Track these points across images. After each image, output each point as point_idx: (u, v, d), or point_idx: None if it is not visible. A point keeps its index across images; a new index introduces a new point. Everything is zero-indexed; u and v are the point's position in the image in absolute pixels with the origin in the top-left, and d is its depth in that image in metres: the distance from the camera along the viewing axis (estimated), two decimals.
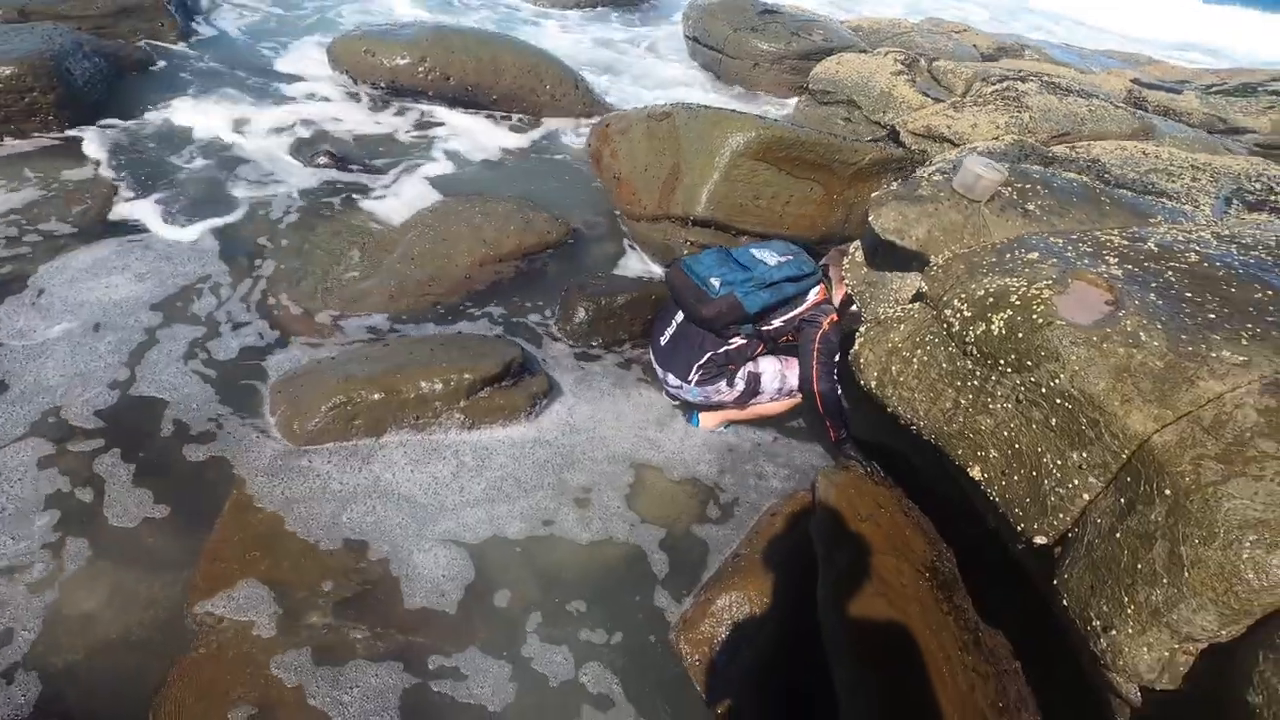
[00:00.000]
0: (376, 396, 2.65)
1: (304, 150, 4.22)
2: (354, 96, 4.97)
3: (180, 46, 5.08)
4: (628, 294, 3.42)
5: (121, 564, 2.13)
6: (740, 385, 2.86)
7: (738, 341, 2.81)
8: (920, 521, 2.56)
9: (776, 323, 2.79)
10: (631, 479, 2.73)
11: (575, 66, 5.54)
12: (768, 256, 2.83)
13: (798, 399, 2.95)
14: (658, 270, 3.90)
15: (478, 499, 2.52)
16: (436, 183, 4.24)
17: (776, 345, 2.90)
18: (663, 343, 2.97)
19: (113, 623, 2.00)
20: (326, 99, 4.89)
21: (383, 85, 4.97)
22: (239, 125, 4.37)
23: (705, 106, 4.02)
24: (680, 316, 2.93)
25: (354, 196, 3.97)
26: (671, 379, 2.93)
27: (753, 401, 2.95)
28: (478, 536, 2.40)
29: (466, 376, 2.77)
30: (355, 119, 4.76)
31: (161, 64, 4.83)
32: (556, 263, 3.80)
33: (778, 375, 2.93)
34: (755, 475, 2.88)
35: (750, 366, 2.87)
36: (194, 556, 2.18)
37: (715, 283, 2.73)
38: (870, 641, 2.08)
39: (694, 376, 2.85)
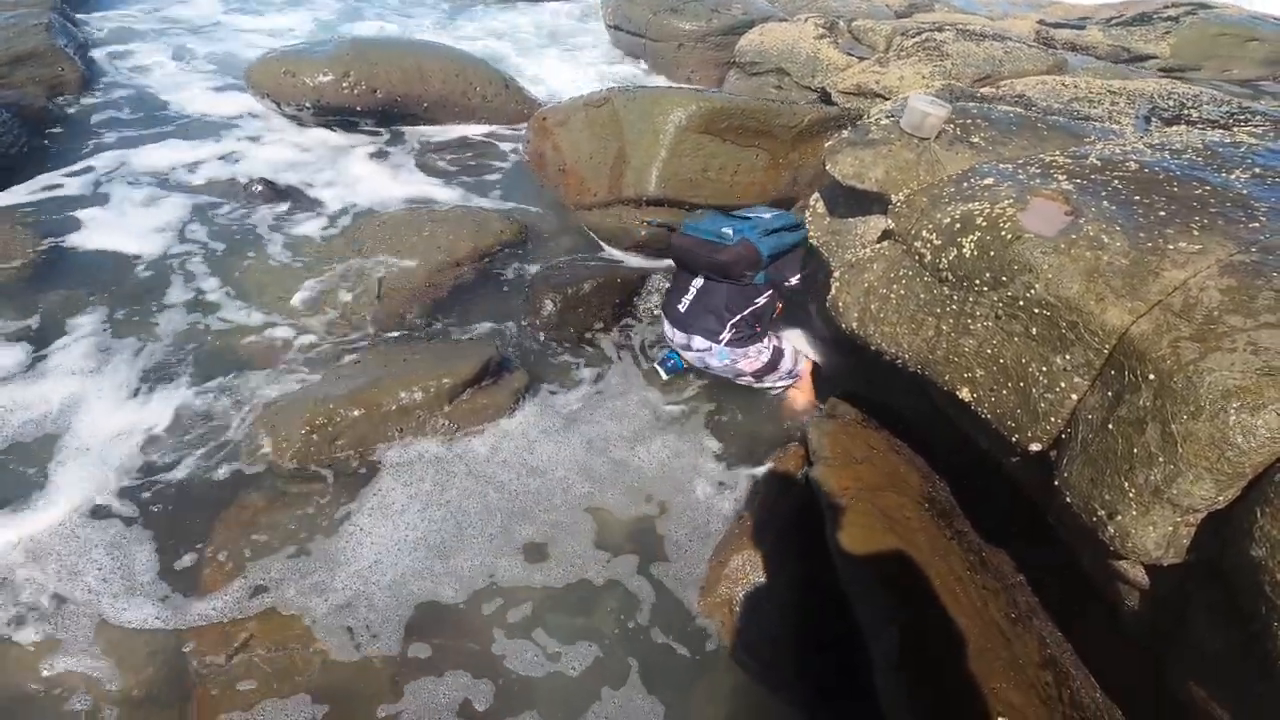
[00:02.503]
0: (357, 413, 2.58)
1: (237, 184, 4.06)
2: (279, 121, 4.81)
3: (87, 96, 4.82)
4: (593, 279, 3.42)
5: (112, 610, 2.03)
6: (766, 355, 2.91)
7: (762, 300, 2.86)
8: (912, 458, 2.64)
9: (793, 280, 2.85)
10: (628, 458, 2.73)
11: (502, 67, 5.48)
12: (760, 211, 2.91)
13: (803, 381, 3.08)
14: (618, 255, 3.90)
15: (470, 505, 2.47)
16: (380, 198, 4.15)
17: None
18: (683, 309, 2.93)
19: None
20: (253, 130, 4.73)
21: (308, 106, 4.81)
22: (168, 166, 4.18)
23: (642, 87, 4.03)
24: (699, 282, 2.92)
25: (297, 222, 3.85)
26: (699, 341, 2.89)
27: (768, 378, 3.00)
28: (482, 542, 2.36)
29: (446, 381, 2.72)
30: (285, 144, 4.61)
31: (71, 111, 4.58)
32: (515, 261, 3.76)
33: (793, 356, 3.02)
34: (748, 436, 2.91)
35: (775, 341, 2.95)
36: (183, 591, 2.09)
37: (728, 231, 2.78)
38: (886, 576, 2.13)
39: (727, 335, 2.84)
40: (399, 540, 2.32)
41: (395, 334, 3.19)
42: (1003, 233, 1.81)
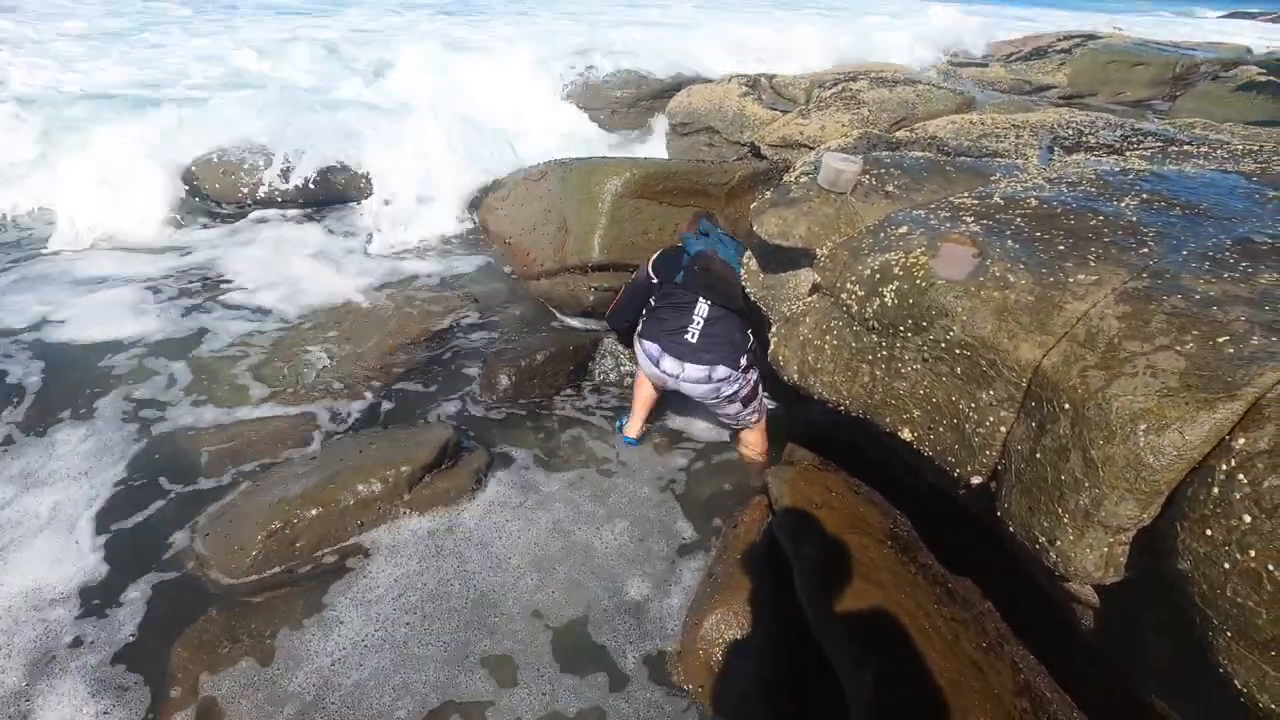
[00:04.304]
0: (314, 513, 2.55)
1: (188, 291, 4.04)
2: (215, 219, 4.83)
3: None
4: (546, 350, 3.47)
5: None
6: (754, 376, 2.96)
7: (747, 323, 2.91)
8: (870, 496, 2.69)
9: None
10: (592, 528, 2.73)
11: None
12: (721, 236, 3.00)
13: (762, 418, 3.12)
14: (571, 321, 3.96)
15: (439, 592, 2.43)
16: (326, 288, 4.17)
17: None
18: (693, 339, 2.85)
19: None
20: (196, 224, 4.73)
21: (248, 202, 4.87)
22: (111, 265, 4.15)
23: (578, 159, 4.18)
24: (705, 309, 2.87)
25: (246, 322, 3.83)
26: (721, 371, 2.84)
27: (752, 404, 3.01)
28: (448, 635, 2.32)
29: (404, 469, 2.71)
30: (224, 244, 4.62)
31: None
32: (468, 335, 3.80)
33: (759, 390, 3.06)
34: (712, 492, 2.94)
35: (754, 374, 2.97)
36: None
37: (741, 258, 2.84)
38: (856, 622, 2.15)
39: (744, 361, 2.87)
40: (361, 642, 2.25)
41: (349, 420, 3.17)
42: (918, 281, 1.92)
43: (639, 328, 3.02)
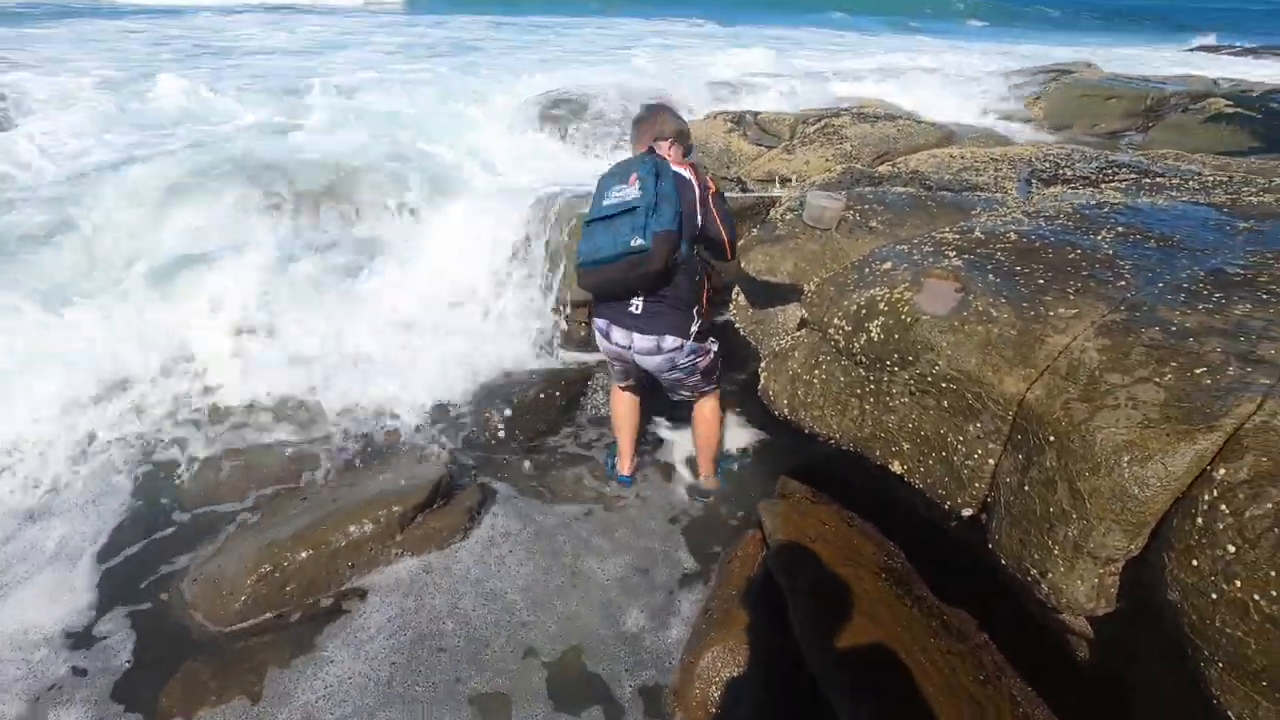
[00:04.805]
0: (304, 555, 2.53)
1: None
2: None
3: None
4: (538, 385, 3.49)
5: None
6: (715, 348, 2.81)
7: (696, 278, 2.66)
8: (864, 528, 2.70)
9: (706, 227, 2.62)
10: (586, 565, 2.72)
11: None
12: (624, 192, 2.54)
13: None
14: (562, 354, 3.98)
15: (432, 631, 2.41)
16: None
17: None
18: (638, 310, 2.63)
19: None
20: None
21: None
22: None
23: (577, 195, 4.24)
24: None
25: None
26: (670, 341, 2.64)
27: (710, 377, 2.88)
28: (444, 674, 2.29)
29: (396, 509, 2.70)
30: None
31: None
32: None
33: (719, 363, 2.89)
34: (705, 525, 2.94)
35: (714, 345, 2.81)
36: None
37: (639, 242, 2.43)
38: (852, 657, 2.15)
39: (695, 328, 2.67)
40: (351, 682, 2.22)
41: (345, 454, 3.17)
42: (903, 316, 1.96)
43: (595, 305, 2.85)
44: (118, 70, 8.96)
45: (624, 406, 3.07)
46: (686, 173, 2.64)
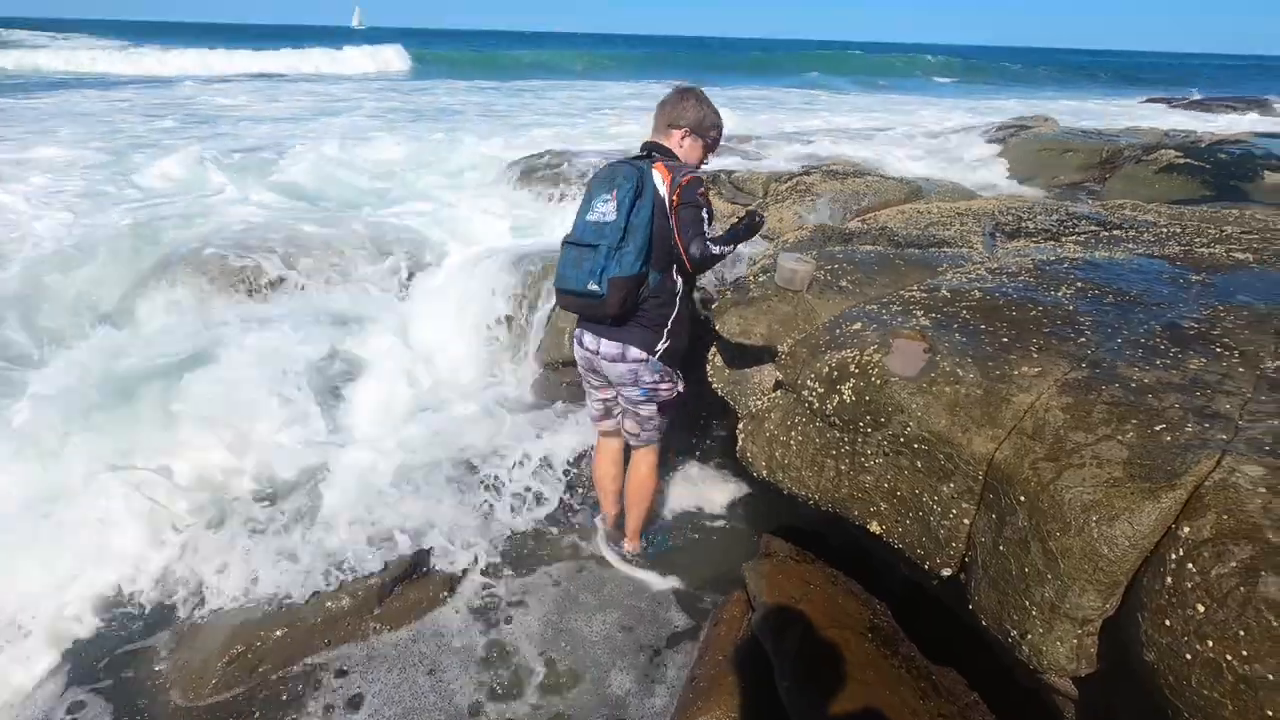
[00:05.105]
0: (279, 633, 2.47)
1: None
2: None
3: None
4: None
5: None
6: (680, 385, 2.73)
7: (663, 306, 2.56)
8: (849, 586, 2.68)
9: (697, 250, 2.45)
10: (569, 630, 2.67)
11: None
12: (603, 212, 2.48)
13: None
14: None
15: (414, 706, 2.34)
16: None
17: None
18: (607, 321, 2.57)
19: None
20: None
21: None
22: None
23: (532, 259, 4.32)
24: None
25: None
26: (634, 352, 2.58)
27: (660, 416, 2.79)
28: None
29: (373, 582, 2.65)
30: None
31: None
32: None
33: (673, 410, 2.82)
34: (688, 586, 2.91)
35: (680, 382, 2.73)
36: None
37: (594, 288, 2.43)
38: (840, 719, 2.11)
39: (661, 346, 2.57)
40: None
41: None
42: (874, 379, 2.01)
43: None
44: (101, 143, 9.10)
45: (605, 459, 3.00)
46: (663, 186, 2.47)
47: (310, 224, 5.21)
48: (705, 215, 2.52)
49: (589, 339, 2.69)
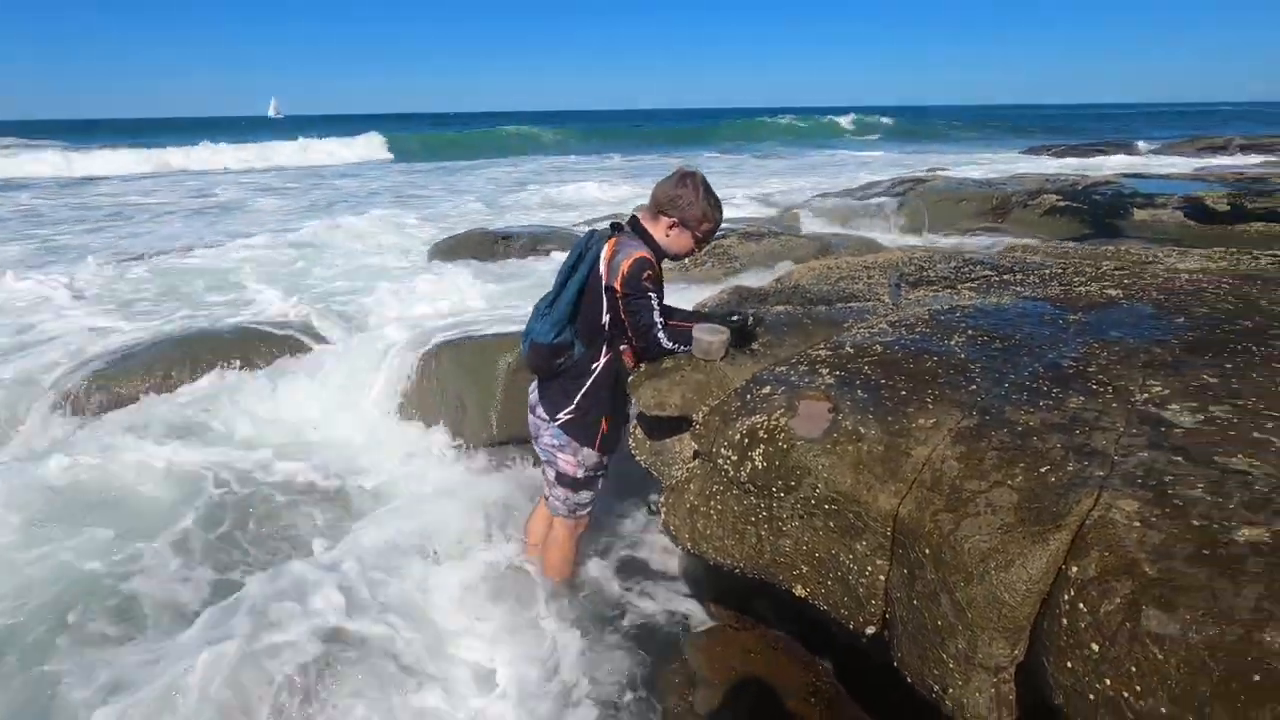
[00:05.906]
0: None
1: None
2: None
3: None
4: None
5: None
6: (584, 470, 2.69)
7: (579, 378, 2.60)
8: (790, 648, 2.67)
9: (604, 319, 2.52)
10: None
11: None
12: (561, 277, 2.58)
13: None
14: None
15: None
16: None
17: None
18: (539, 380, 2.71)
19: None
20: None
21: None
22: None
23: (468, 337, 4.31)
24: None
25: None
26: (541, 411, 2.67)
27: (569, 499, 2.76)
28: None
29: None
30: None
31: None
32: None
33: (583, 501, 2.80)
34: (631, 644, 2.81)
35: (591, 470, 2.72)
36: None
37: (523, 344, 2.65)
38: None
39: (566, 415, 2.60)
40: None
41: None
42: (781, 443, 2.05)
43: None
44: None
45: (536, 515, 3.02)
46: (603, 264, 2.51)
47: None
48: (654, 304, 2.54)
49: (532, 389, 2.79)
